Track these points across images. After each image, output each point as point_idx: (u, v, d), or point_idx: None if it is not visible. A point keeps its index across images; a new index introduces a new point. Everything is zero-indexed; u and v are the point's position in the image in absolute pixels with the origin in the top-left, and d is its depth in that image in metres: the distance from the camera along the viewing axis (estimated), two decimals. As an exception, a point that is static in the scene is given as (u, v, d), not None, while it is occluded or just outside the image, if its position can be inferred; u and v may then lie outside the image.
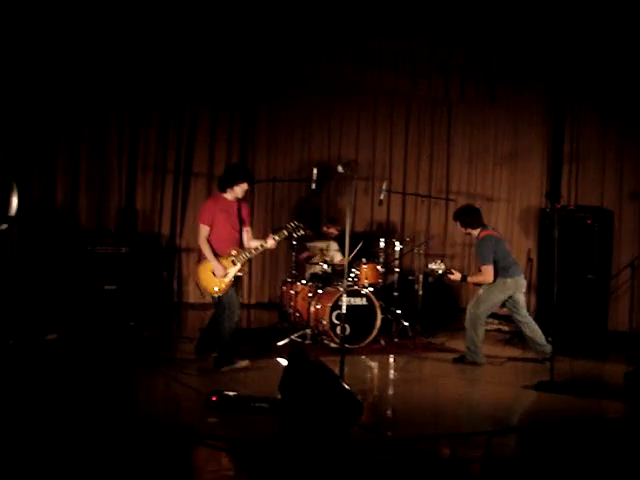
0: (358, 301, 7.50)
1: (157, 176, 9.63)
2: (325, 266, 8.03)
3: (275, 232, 6.44)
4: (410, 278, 8.98)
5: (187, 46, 9.25)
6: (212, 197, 6.63)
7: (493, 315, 10.36)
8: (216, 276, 6.09)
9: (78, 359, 6.40)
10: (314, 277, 8.19)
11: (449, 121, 11.24)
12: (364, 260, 7.99)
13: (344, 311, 5.91)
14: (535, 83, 10.30)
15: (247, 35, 9.31)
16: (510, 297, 6.95)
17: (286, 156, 10.50)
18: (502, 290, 6.89)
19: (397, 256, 8.40)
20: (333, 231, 8.90)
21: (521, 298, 7.01)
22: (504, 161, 10.74)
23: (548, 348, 6.82)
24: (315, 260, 8.37)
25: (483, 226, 7.09)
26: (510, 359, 7.37)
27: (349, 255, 5.96)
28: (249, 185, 6.37)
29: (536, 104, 10.44)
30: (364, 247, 8.21)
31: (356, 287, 7.59)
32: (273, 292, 10.31)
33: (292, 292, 8.01)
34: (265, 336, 7.70)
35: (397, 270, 8.40)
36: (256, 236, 6.83)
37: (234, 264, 6.15)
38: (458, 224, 7.13)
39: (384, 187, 8.54)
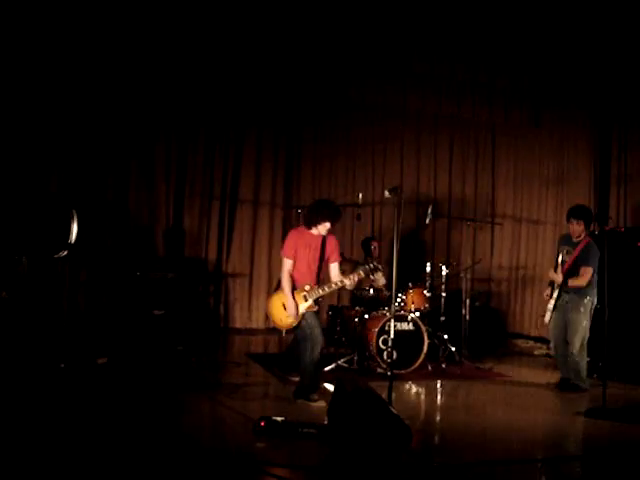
0: (405, 326, 7.47)
1: (204, 202, 9.81)
2: (371, 291, 8.03)
3: (351, 272, 6.34)
4: (457, 302, 8.89)
5: (232, 73, 9.44)
6: (296, 230, 6.34)
7: (541, 339, 10.22)
8: (286, 311, 6.02)
9: (127, 383, 6.49)
10: (358, 301, 8.16)
11: (493, 144, 11.20)
12: (410, 285, 7.96)
13: (392, 336, 5.87)
14: (580, 105, 10.20)
15: (292, 60, 9.45)
16: None
17: (331, 180, 10.57)
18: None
19: (443, 280, 8.34)
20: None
21: None
22: (550, 184, 10.64)
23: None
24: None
25: None
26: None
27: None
28: (332, 224, 6.14)
29: (582, 126, 10.34)
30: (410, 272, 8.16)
31: (403, 312, 7.57)
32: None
33: (337, 319, 8.03)
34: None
35: (443, 294, 8.33)
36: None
37: (305, 300, 6.03)
38: (581, 223, 6.95)
39: (429, 211, 8.52)
